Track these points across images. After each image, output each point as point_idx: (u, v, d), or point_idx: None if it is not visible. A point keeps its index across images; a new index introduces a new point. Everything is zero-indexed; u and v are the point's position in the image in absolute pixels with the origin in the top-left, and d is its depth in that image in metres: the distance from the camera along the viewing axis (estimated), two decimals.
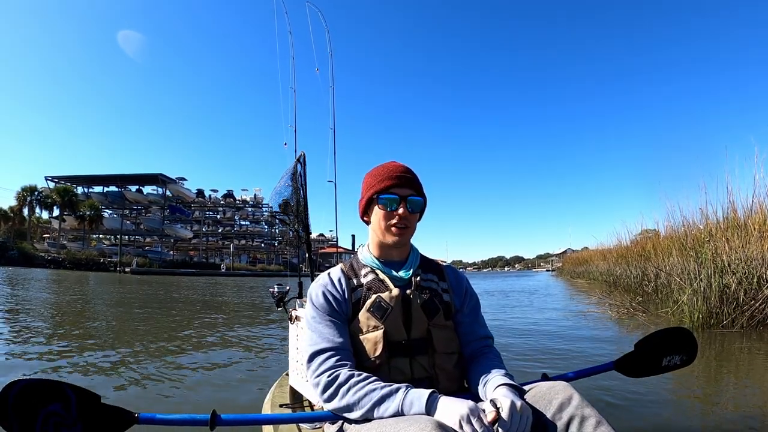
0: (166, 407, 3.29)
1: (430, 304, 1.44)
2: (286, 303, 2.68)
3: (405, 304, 1.42)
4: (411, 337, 1.40)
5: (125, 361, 4.69)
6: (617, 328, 6.82)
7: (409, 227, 1.47)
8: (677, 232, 8.06)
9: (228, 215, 75.39)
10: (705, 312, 5.78)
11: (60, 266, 44.75)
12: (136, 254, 54.94)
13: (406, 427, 1.03)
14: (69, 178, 61.01)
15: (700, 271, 6.01)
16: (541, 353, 5.11)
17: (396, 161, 1.54)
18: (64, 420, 1.15)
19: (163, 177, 62.30)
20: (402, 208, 1.43)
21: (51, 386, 1.16)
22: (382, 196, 1.45)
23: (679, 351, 1.84)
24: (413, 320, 1.41)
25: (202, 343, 6.01)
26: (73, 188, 57.78)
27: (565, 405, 1.14)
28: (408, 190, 1.46)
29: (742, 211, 6.62)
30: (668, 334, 1.86)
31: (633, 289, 11.70)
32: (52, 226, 60.29)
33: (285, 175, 2.91)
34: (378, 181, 1.46)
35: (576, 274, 29.69)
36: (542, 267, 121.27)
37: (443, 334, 1.44)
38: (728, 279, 5.78)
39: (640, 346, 1.80)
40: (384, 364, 1.36)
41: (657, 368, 1.81)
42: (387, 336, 1.37)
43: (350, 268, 1.52)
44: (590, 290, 15.98)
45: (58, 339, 5.87)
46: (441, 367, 1.41)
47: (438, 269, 1.58)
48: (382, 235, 1.48)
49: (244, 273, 52.92)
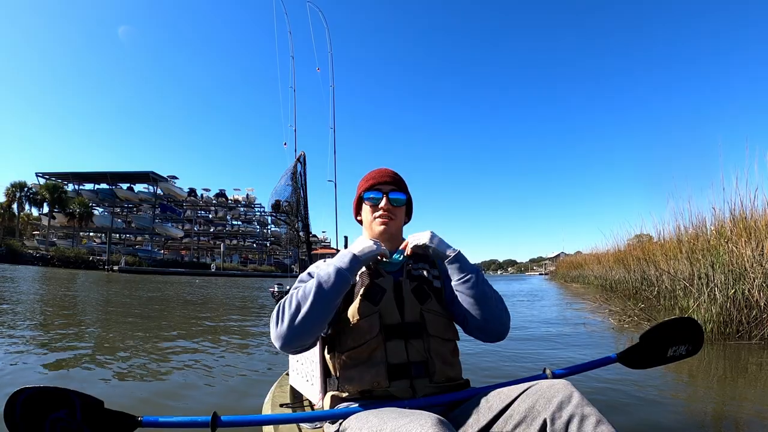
0: (168, 410, 3.24)
1: (420, 290, 1.51)
2: None
3: (397, 290, 1.49)
4: (405, 320, 1.45)
5: (119, 365, 4.54)
6: (622, 338, 6.43)
7: (393, 219, 1.62)
8: (686, 233, 7.58)
9: (220, 215, 75.18)
10: (719, 322, 5.38)
11: (48, 264, 44.21)
12: (126, 253, 54.36)
13: (407, 424, 1.04)
14: (60, 174, 60.58)
15: (714, 276, 5.63)
16: (542, 363, 4.86)
17: (384, 167, 1.72)
18: (69, 425, 1.18)
19: (154, 175, 61.79)
20: (384, 200, 1.60)
21: (56, 393, 1.18)
22: (368, 193, 1.63)
23: (685, 341, 1.82)
24: (405, 304, 1.47)
25: (201, 344, 5.91)
26: (63, 185, 57.28)
27: (565, 404, 1.13)
28: (390, 186, 1.63)
29: (751, 212, 6.15)
30: (674, 324, 1.83)
31: (632, 295, 11.40)
32: (41, 223, 59.73)
33: (285, 175, 2.92)
34: (365, 182, 1.66)
35: (570, 278, 29.49)
36: (535, 271, 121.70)
37: (437, 320, 1.49)
38: (746, 285, 5.36)
39: (646, 338, 1.78)
40: (380, 346, 1.41)
41: (662, 359, 1.80)
42: (381, 319, 1.43)
43: None
44: (586, 295, 15.75)
45: (42, 341, 5.61)
46: (436, 351, 1.44)
47: (429, 259, 1.63)
48: (371, 229, 1.64)
49: (234, 273, 52.67)
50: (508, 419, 1.20)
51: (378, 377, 1.38)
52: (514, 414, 1.19)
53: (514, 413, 1.20)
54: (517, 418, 1.18)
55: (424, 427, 1.00)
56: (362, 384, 1.39)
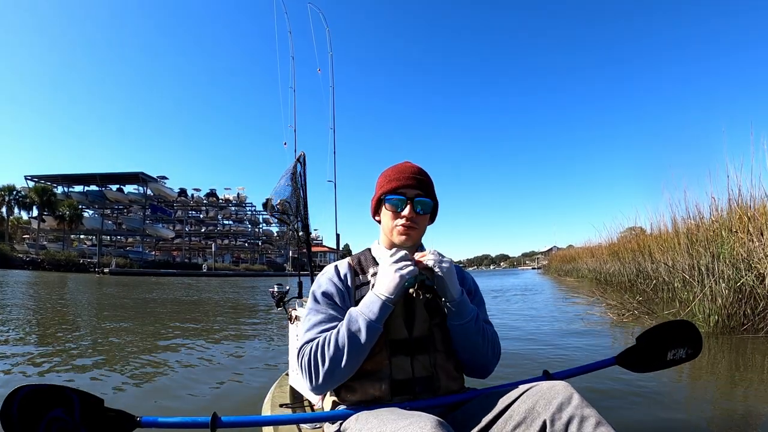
0: (167, 410, 3.25)
1: (433, 304, 1.43)
2: (285, 303, 2.73)
3: (408, 303, 1.41)
4: (413, 335, 1.40)
5: (117, 366, 4.58)
6: (623, 333, 6.33)
7: (416, 228, 1.48)
8: (686, 224, 7.41)
9: (211, 215, 74.76)
10: (724, 315, 5.28)
11: (39, 267, 43.67)
12: (117, 255, 53.91)
13: (407, 426, 1.03)
14: (49, 177, 59.86)
15: (717, 267, 5.50)
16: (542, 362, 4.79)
17: (410, 162, 1.55)
18: (67, 424, 1.15)
19: (144, 176, 61.21)
20: (408, 208, 1.45)
21: (54, 391, 1.17)
22: (390, 196, 1.47)
23: (684, 344, 1.81)
24: (416, 319, 1.41)
25: (200, 345, 5.92)
26: (52, 188, 56.70)
27: (565, 405, 1.12)
28: (415, 191, 1.47)
29: (750, 202, 6.02)
30: (671, 327, 1.82)
31: (628, 288, 11.37)
32: (31, 227, 59.15)
33: (285, 175, 2.89)
34: (387, 182, 1.49)
35: (564, 271, 29.65)
36: (528, 265, 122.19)
37: (445, 334, 1.43)
38: (750, 277, 5.25)
39: (643, 340, 1.77)
40: (385, 362, 1.36)
41: (663, 362, 1.78)
42: (388, 334, 1.37)
43: (358, 263, 1.53)
44: (581, 288, 15.78)
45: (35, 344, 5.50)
46: (442, 367, 1.41)
47: None
48: (390, 235, 1.49)
49: (226, 273, 52.41)
50: (508, 420, 1.19)
51: (381, 392, 1.36)
52: (513, 415, 1.19)
53: (513, 414, 1.19)
54: (516, 419, 1.17)
55: (423, 429, 0.99)
56: (364, 396, 1.38)
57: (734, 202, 6.19)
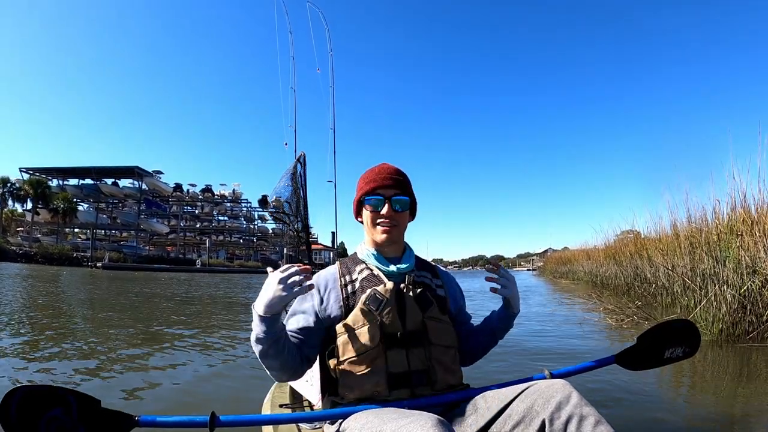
0: (165, 409, 3.24)
1: (423, 298, 1.48)
2: None
3: (399, 298, 1.45)
4: (406, 329, 1.42)
5: (113, 365, 4.52)
6: (622, 338, 6.15)
7: (396, 225, 1.55)
8: (688, 227, 7.26)
9: (206, 210, 74.56)
10: (728, 322, 5.09)
11: (32, 260, 43.60)
12: (111, 249, 53.59)
13: (407, 424, 1.03)
14: (44, 170, 59.63)
15: (723, 272, 5.33)
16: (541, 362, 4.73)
17: (386, 163, 1.63)
18: (65, 425, 1.16)
19: (139, 170, 60.86)
20: (386, 207, 1.53)
21: (52, 392, 1.17)
22: (369, 197, 1.55)
23: (682, 343, 1.84)
24: (407, 313, 1.44)
25: (198, 344, 5.85)
26: (47, 180, 56.50)
27: (564, 404, 1.14)
28: (393, 190, 1.54)
29: (754, 206, 5.88)
30: (671, 326, 1.85)
31: (625, 291, 11.28)
32: (25, 220, 58.88)
33: (285, 175, 2.89)
34: (366, 183, 1.57)
35: (559, 274, 29.61)
36: (523, 266, 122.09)
37: (439, 327, 1.47)
38: (757, 282, 5.06)
39: (643, 340, 1.80)
40: (381, 356, 1.39)
41: (659, 360, 1.82)
42: (383, 328, 1.41)
43: (345, 267, 1.59)
44: (577, 291, 15.71)
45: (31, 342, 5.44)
46: (437, 360, 1.43)
47: (431, 268, 1.66)
48: (372, 234, 1.57)
49: (221, 269, 52.14)
50: (507, 419, 1.21)
51: (378, 387, 1.38)
52: (512, 414, 1.21)
53: (512, 413, 1.21)
54: (515, 418, 1.19)
55: (424, 428, 1.00)
56: (362, 392, 1.39)
57: (739, 204, 6.08)
